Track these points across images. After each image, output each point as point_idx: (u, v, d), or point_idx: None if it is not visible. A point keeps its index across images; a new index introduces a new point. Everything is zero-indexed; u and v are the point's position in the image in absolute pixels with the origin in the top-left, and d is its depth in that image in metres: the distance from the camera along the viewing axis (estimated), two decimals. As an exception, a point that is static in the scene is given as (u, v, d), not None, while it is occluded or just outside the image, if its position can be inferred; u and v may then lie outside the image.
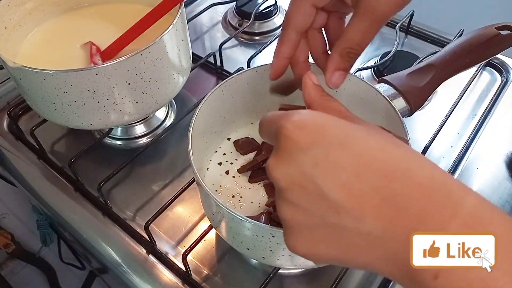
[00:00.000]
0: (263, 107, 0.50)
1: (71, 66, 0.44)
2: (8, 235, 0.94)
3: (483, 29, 0.49)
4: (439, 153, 0.57)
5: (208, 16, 0.80)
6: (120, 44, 0.51)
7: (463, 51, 0.47)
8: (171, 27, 0.47)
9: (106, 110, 0.48)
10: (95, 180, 0.52)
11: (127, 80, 0.47)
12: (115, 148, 0.61)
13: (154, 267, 0.48)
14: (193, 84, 0.68)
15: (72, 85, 0.44)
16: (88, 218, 0.53)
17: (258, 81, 0.47)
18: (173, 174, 0.56)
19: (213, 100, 0.44)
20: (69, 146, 0.62)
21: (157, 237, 0.50)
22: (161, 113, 0.63)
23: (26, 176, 0.59)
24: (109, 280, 0.79)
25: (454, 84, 0.60)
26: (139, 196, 0.54)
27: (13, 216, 1.01)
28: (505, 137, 0.58)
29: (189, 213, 0.52)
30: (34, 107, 0.51)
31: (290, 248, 0.26)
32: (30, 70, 0.44)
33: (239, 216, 0.34)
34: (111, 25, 0.57)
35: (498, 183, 0.53)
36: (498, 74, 0.67)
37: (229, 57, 0.71)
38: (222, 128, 0.49)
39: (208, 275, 0.47)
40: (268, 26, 0.76)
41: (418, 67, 0.47)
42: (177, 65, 0.52)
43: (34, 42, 0.56)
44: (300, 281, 0.47)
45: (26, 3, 0.55)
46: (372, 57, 0.69)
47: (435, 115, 0.60)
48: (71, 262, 0.94)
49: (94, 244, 0.51)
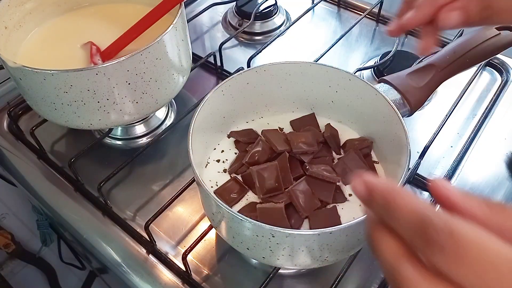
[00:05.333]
0: (263, 107, 0.51)
1: (71, 66, 0.44)
2: (8, 235, 0.93)
3: (483, 29, 0.49)
4: (439, 153, 0.57)
5: (208, 16, 0.80)
6: (120, 44, 0.51)
7: (463, 51, 0.47)
8: (171, 27, 0.47)
9: (106, 110, 0.48)
10: (95, 180, 0.52)
11: (127, 80, 0.47)
12: (115, 148, 0.61)
13: (154, 267, 0.48)
14: (193, 84, 0.68)
15: (72, 85, 0.44)
16: (88, 218, 0.53)
17: (258, 81, 0.47)
18: (173, 174, 0.56)
19: (213, 100, 0.44)
20: (69, 146, 0.62)
21: (157, 237, 0.50)
22: (161, 113, 0.63)
23: (26, 176, 0.59)
24: (109, 280, 0.79)
25: (454, 84, 0.60)
26: (139, 196, 0.54)
27: (13, 216, 1.01)
28: (505, 137, 0.58)
29: (189, 213, 0.52)
30: (34, 107, 0.51)
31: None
32: (30, 70, 0.44)
33: (239, 216, 0.34)
34: (111, 25, 0.57)
35: (498, 183, 0.53)
36: (498, 74, 0.67)
37: (229, 57, 0.71)
38: (222, 128, 0.49)
39: (208, 275, 0.47)
40: (268, 26, 0.76)
41: (418, 67, 0.47)
42: (177, 65, 0.52)
43: (34, 42, 0.56)
44: (300, 281, 0.47)
45: (26, 3, 0.55)
46: (372, 57, 0.70)
47: (435, 115, 0.60)
48: (71, 262, 0.94)
49: (94, 244, 0.51)
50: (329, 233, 0.33)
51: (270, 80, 0.48)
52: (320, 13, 0.79)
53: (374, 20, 0.77)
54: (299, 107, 0.51)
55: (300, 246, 0.35)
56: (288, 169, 0.43)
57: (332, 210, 0.42)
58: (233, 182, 0.44)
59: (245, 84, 0.47)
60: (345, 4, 0.80)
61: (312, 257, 0.37)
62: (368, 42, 0.73)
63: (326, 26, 0.77)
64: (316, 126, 0.49)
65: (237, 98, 0.47)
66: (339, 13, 0.79)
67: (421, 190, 0.54)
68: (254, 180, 0.42)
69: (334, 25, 0.77)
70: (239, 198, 0.43)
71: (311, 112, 0.51)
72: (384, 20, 0.76)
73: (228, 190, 0.44)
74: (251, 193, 0.44)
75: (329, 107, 0.49)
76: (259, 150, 0.45)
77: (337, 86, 0.47)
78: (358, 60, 0.70)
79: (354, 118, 0.49)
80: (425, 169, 0.55)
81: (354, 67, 0.65)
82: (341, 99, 0.48)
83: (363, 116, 0.47)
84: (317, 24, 0.78)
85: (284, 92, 0.49)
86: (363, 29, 0.75)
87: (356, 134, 0.49)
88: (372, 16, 0.77)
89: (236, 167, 0.46)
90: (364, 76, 0.67)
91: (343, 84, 0.47)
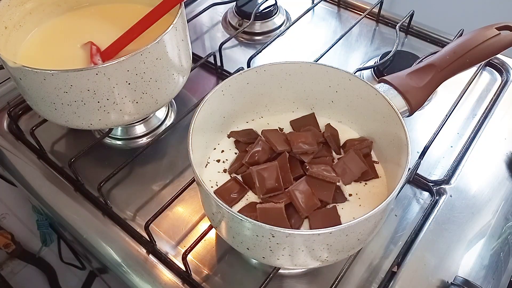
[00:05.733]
0: (263, 107, 0.51)
1: (71, 66, 0.44)
2: (8, 235, 0.94)
3: (483, 29, 0.49)
4: (439, 153, 0.57)
5: (208, 16, 0.80)
6: (120, 44, 0.51)
7: (463, 51, 0.47)
8: (171, 27, 0.47)
9: (106, 110, 0.48)
10: (95, 180, 0.52)
11: (127, 80, 0.47)
12: (115, 148, 0.61)
13: (154, 267, 0.48)
14: (193, 84, 0.68)
15: (72, 85, 0.44)
16: (88, 218, 0.53)
17: (258, 81, 0.47)
18: (173, 174, 0.56)
19: (213, 100, 0.44)
20: (69, 146, 0.62)
21: (157, 237, 0.50)
22: (161, 113, 0.63)
23: (26, 176, 0.59)
24: (109, 280, 0.79)
25: (454, 84, 0.60)
26: (139, 196, 0.54)
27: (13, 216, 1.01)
28: (505, 137, 0.58)
29: (189, 213, 0.52)
30: (34, 107, 0.51)
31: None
32: (30, 70, 0.44)
33: (239, 216, 0.34)
34: (111, 25, 0.57)
35: (498, 183, 0.53)
36: (498, 74, 0.67)
37: (229, 57, 0.71)
38: (222, 127, 0.49)
39: (208, 275, 0.47)
40: (268, 26, 0.76)
41: (418, 67, 0.47)
42: (177, 65, 0.52)
43: (34, 42, 0.56)
44: (300, 281, 0.47)
45: (26, 3, 0.55)
46: (372, 57, 0.70)
47: (435, 115, 0.60)
48: (71, 262, 0.94)
49: (94, 244, 0.51)
50: (329, 233, 0.34)
51: (270, 80, 0.48)
52: (320, 13, 0.79)
53: (374, 20, 0.77)
54: (299, 107, 0.51)
55: (300, 246, 0.35)
56: (288, 169, 0.43)
57: (332, 210, 0.42)
58: (233, 182, 0.44)
59: (245, 84, 0.47)
60: (345, 4, 0.80)
61: (312, 257, 0.37)
62: (368, 42, 0.73)
63: (326, 26, 0.77)
64: (316, 126, 0.49)
65: (237, 98, 0.47)
66: (339, 13, 0.79)
67: (421, 190, 0.54)
68: (254, 180, 0.42)
69: (334, 25, 0.77)
70: (239, 198, 0.43)
71: (311, 112, 0.51)
72: (384, 20, 0.76)
73: (228, 190, 0.44)
74: (251, 193, 0.44)
75: (329, 107, 0.49)
76: (259, 150, 0.45)
77: (337, 86, 0.47)
78: (358, 60, 0.70)
79: (354, 118, 0.49)
80: (425, 169, 0.55)
81: (354, 67, 0.65)
82: (341, 99, 0.48)
83: (363, 116, 0.47)
84: (317, 24, 0.78)
85: (284, 92, 0.49)
86: (363, 29, 0.75)
87: (356, 134, 0.49)
88: (372, 16, 0.77)
89: (236, 167, 0.46)
90: (364, 76, 0.67)
91: (343, 84, 0.47)
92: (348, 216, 0.42)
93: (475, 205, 0.51)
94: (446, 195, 0.52)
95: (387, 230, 0.50)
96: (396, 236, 0.49)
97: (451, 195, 0.52)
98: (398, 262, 0.47)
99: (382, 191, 0.44)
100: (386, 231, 0.50)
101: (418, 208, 0.52)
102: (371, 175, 0.45)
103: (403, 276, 0.46)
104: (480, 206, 0.51)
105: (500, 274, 0.47)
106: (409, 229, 0.49)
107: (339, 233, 0.34)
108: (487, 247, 0.48)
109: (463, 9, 1.17)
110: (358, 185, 0.44)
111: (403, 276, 0.46)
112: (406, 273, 0.46)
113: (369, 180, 0.45)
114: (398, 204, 0.52)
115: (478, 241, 0.48)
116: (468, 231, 0.49)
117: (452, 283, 0.44)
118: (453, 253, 0.47)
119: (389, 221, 0.50)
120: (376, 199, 0.43)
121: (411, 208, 0.52)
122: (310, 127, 0.48)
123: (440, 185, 0.53)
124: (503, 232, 0.49)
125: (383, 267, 0.47)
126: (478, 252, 0.48)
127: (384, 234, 0.49)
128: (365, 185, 0.45)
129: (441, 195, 0.52)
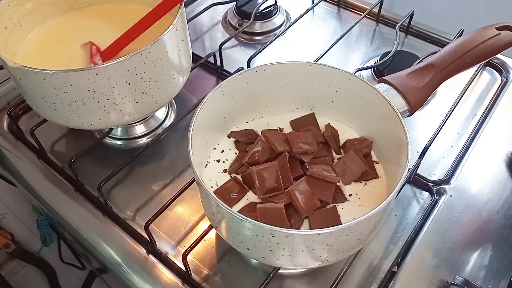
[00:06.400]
0: (263, 107, 0.51)
1: (71, 66, 0.44)
2: (8, 235, 0.94)
3: (483, 29, 0.49)
4: (439, 153, 0.57)
5: (208, 16, 0.80)
6: (120, 44, 0.51)
7: (463, 51, 0.47)
8: (171, 27, 0.47)
9: (106, 110, 0.48)
10: (95, 180, 0.52)
11: (127, 80, 0.47)
12: (115, 148, 0.61)
13: (154, 267, 0.48)
14: (193, 84, 0.68)
15: (72, 85, 0.44)
16: (88, 218, 0.53)
17: (258, 81, 0.47)
18: (173, 174, 0.56)
19: (213, 100, 0.44)
20: (69, 146, 0.62)
21: (157, 237, 0.50)
22: (161, 113, 0.63)
23: (26, 176, 0.59)
24: (109, 280, 0.79)
25: (454, 84, 0.60)
26: (139, 196, 0.54)
27: (13, 216, 1.01)
28: (505, 137, 0.58)
29: (189, 213, 0.52)
30: (34, 107, 0.51)
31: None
32: (30, 70, 0.44)
33: (239, 216, 0.34)
34: (111, 25, 0.57)
35: (498, 183, 0.53)
36: (498, 74, 0.67)
37: (229, 57, 0.71)
38: (222, 127, 0.49)
39: (208, 275, 0.47)
40: (268, 26, 0.76)
41: (418, 67, 0.47)
42: (177, 65, 0.52)
43: (34, 42, 0.56)
44: (300, 281, 0.47)
45: (26, 3, 0.55)
46: (372, 57, 0.70)
47: (435, 115, 0.60)
48: (71, 262, 0.94)
49: (94, 244, 0.51)
50: (329, 233, 0.34)
51: (270, 80, 0.48)
52: (320, 13, 0.79)
53: (374, 20, 0.77)
54: (299, 107, 0.51)
55: (300, 246, 0.35)
56: (288, 169, 0.43)
57: (332, 210, 0.42)
58: (233, 182, 0.44)
59: (245, 84, 0.47)
60: (345, 4, 0.80)
61: (312, 257, 0.37)
62: (368, 42, 0.73)
63: (326, 26, 0.77)
64: (316, 126, 0.49)
65: (237, 98, 0.47)
66: (339, 13, 0.79)
67: (421, 190, 0.54)
68: (254, 180, 0.42)
69: (334, 25, 0.77)
70: (239, 198, 0.43)
71: (311, 112, 0.51)
72: (384, 20, 0.76)
73: (228, 190, 0.44)
74: (251, 193, 0.44)
75: (329, 107, 0.49)
76: (259, 150, 0.45)
77: (337, 86, 0.47)
78: (358, 60, 0.70)
79: (354, 118, 0.49)
80: (425, 169, 0.55)
81: (354, 67, 0.65)
82: (341, 99, 0.48)
83: (363, 116, 0.47)
84: (317, 24, 0.78)
85: (284, 92, 0.49)
86: (363, 29, 0.75)
87: (356, 134, 0.49)
88: (372, 16, 0.77)
89: (236, 167, 0.46)
90: (364, 76, 0.67)
91: (343, 84, 0.47)
92: (348, 216, 0.42)
93: (475, 205, 0.51)
94: (446, 195, 0.52)
95: (387, 230, 0.50)
96: (396, 236, 0.49)
97: (451, 195, 0.52)
98: (398, 262, 0.47)
99: (382, 191, 0.44)
100: (386, 231, 0.50)
101: (418, 208, 0.52)
102: (371, 175, 0.45)
103: (403, 276, 0.46)
104: (480, 206, 0.51)
105: (500, 274, 0.47)
106: (409, 229, 0.49)
107: (339, 233, 0.34)
108: (487, 247, 0.48)
109: (463, 9, 1.17)
110: (358, 185, 0.45)
111: (403, 276, 0.46)
112: (406, 273, 0.46)
113: (369, 180, 0.45)
114: (398, 204, 0.52)
115: (478, 241, 0.48)
116: (468, 231, 0.49)
117: (452, 283, 0.44)
118: (453, 253, 0.47)
119: (389, 221, 0.50)
120: (376, 199, 0.43)
121: (411, 208, 0.52)
122: (310, 127, 0.49)
123: (440, 185, 0.53)
124: (503, 232, 0.49)
125: (383, 267, 0.47)
126: (478, 252, 0.48)
127: (384, 234, 0.49)
128: (365, 185, 0.45)
129: (441, 195, 0.52)
